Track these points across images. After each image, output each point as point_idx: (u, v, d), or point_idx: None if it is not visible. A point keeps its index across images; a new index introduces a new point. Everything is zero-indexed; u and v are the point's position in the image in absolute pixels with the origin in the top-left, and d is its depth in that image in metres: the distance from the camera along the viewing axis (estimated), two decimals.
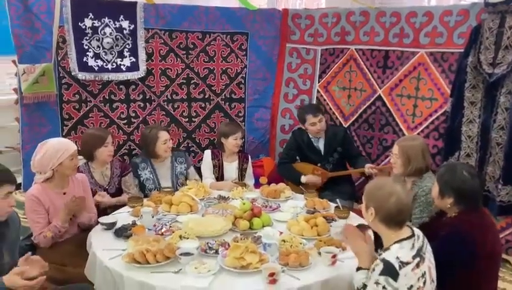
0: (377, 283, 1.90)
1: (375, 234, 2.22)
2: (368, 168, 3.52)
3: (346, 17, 4.05)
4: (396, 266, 1.88)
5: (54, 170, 2.70)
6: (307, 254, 2.29)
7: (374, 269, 1.95)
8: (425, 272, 1.93)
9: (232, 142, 3.71)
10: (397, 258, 1.90)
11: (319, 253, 2.35)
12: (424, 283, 1.92)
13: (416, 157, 2.83)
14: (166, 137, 3.48)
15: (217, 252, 2.35)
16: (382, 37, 3.86)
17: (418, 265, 1.91)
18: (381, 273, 1.90)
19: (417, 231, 2.04)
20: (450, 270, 2.10)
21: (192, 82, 4.19)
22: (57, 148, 2.70)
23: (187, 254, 2.26)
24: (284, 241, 2.45)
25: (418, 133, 3.66)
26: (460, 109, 3.31)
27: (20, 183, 3.62)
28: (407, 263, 1.90)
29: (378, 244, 2.17)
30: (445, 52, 3.50)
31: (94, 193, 3.09)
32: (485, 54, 3.15)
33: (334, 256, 2.27)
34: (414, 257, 1.92)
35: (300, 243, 2.45)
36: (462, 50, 3.34)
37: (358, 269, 2.08)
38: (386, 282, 1.88)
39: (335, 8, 4.15)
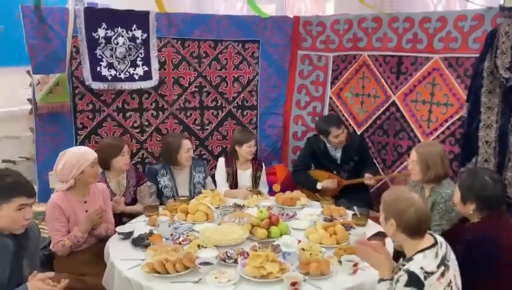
0: None
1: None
2: (366, 178, 3.60)
3: (358, 23, 4.04)
4: (421, 276, 1.86)
5: (76, 179, 2.71)
6: (328, 262, 2.26)
7: (398, 281, 1.91)
8: (451, 281, 1.90)
9: (246, 150, 3.71)
10: (421, 268, 1.87)
11: (340, 261, 2.32)
12: None
13: (435, 163, 2.80)
14: (189, 146, 3.51)
15: (236, 261, 2.33)
16: (395, 43, 3.84)
17: (443, 274, 1.88)
18: (406, 284, 1.87)
19: (440, 239, 2.02)
20: (474, 276, 2.07)
21: (204, 90, 4.19)
22: (78, 157, 2.72)
23: (206, 263, 2.25)
24: (303, 249, 2.42)
25: (434, 139, 3.63)
26: (477, 114, 3.27)
27: None
28: (432, 273, 1.87)
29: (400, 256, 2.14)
30: (460, 57, 3.47)
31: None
32: (501, 58, 3.11)
33: (355, 265, 2.25)
34: (439, 266, 1.89)
35: (320, 252, 2.43)
36: (477, 55, 3.30)
37: (380, 280, 2.05)
38: None
39: (347, 14, 4.14)
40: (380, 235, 2.59)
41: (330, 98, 4.31)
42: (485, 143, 3.27)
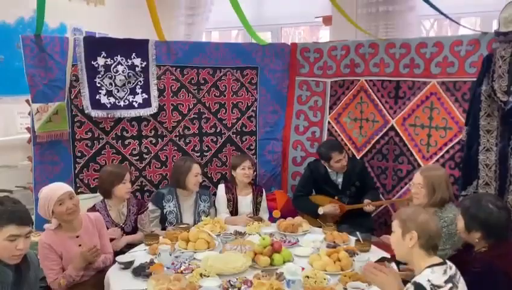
0: None
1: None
2: (366, 204, 3.58)
3: (355, 49, 4.08)
4: (428, 288, 1.84)
5: (55, 217, 2.64)
6: None
7: None
8: None
9: (240, 173, 3.71)
10: (428, 281, 1.88)
11: (345, 289, 2.29)
12: None
13: (441, 186, 2.81)
14: (198, 171, 3.53)
15: None
16: (392, 68, 3.88)
17: None
18: None
19: (449, 262, 2.00)
20: None
21: (203, 117, 4.20)
22: (46, 195, 2.63)
23: None
24: (307, 277, 2.39)
25: (434, 163, 3.63)
26: (476, 137, 3.28)
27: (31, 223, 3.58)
28: (439, 287, 1.86)
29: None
30: (457, 81, 3.51)
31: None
32: (498, 82, 3.14)
33: None
34: (446, 282, 1.88)
35: (325, 279, 2.39)
36: (474, 79, 3.34)
37: None
38: None
39: (344, 41, 4.19)
40: (384, 261, 2.56)
41: (329, 123, 4.32)
42: (486, 166, 3.27)
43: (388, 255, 2.67)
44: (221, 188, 3.79)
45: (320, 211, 3.67)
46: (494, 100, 3.18)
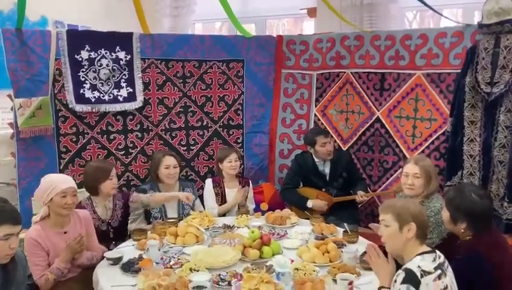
0: None
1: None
2: (359, 195, 3.60)
3: (340, 41, 4.09)
4: (418, 274, 1.89)
5: (48, 207, 2.62)
6: (323, 282, 2.25)
7: (395, 281, 1.94)
8: (447, 286, 1.91)
9: (227, 165, 3.72)
10: (419, 267, 1.91)
11: (334, 280, 2.30)
12: None
13: (435, 175, 2.88)
14: (169, 162, 3.50)
15: (229, 283, 2.29)
16: (378, 60, 3.90)
17: (439, 277, 1.91)
18: (403, 281, 1.89)
19: (438, 251, 2.04)
20: None
21: (189, 110, 4.17)
22: (50, 182, 2.63)
23: (200, 287, 2.20)
24: (296, 269, 2.40)
25: (419, 154, 3.67)
26: (461, 128, 3.33)
27: None
28: (429, 273, 1.90)
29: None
30: (442, 73, 3.55)
31: (96, 228, 3.01)
32: (482, 73, 3.19)
33: (350, 283, 2.23)
34: (436, 269, 1.92)
35: (314, 271, 2.41)
36: (458, 70, 3.39)
37: (380, 288, 2.06)
38: None
39: (329, 33, 4.20)
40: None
41: (315, 115, 4.34)
42: (470, 157, 3.32)
43: (376, 246, 2.69)
44: (209, 183, 3.79)
45: (309, 204, 3.68)
46: (477, 91, 3.23)
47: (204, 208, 3.66)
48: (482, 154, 3.27)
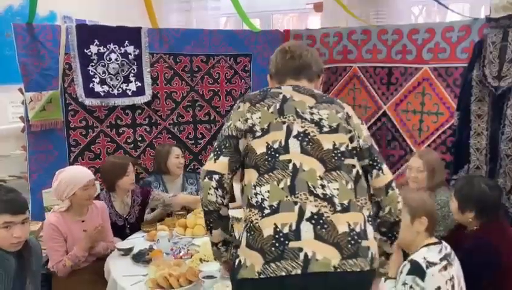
0: (404, 283, 1.92)
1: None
2: None
3: (347, 36, 4.10)
4: (424, 265, 1.91)
5: (70, 200, 2.68)
6: None
7: (401, 272, 1.97)
8: (453, 276, 1.94)
9: None
10: (424, 258, 1.94)
11: None
12: (453, 287, 1.93)
13: (440, 169, 2.89)
14: (178, 152, 3.56)
15: None
16: (385, 54, 3.91)
17: (445, 268, 1.93)
18: (409, 272, 1.92)
19: (444, 242, 2.07)
20: (476, 283, 2.10)
21: (197, 104, 4.21)
22: (70, 178, 2.68)
23: (210, 277, 2.25)
24: None
25: (425, 147, 3.68)
26: (468, 122, 3.34)
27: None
28: (435, 264, 1.92)
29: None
30: (449, 67, 3.55)
31: (113, 223, 3.05)
32: (489, 67, 3.19)
33: None
34: (441, 260, 1.95)
35: None
36: (465, 64, 3.38)
37: (387, 278, 2.09)
38: (413, 282, 1.90)
39: (336, 27, 4.21)
40: None
41: None
42: (476, 151, 3.33)
43: None
44: None
45: None
46: (485, 85, 3.23)
47: None
48: (488, 148, 3.28)
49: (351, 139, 1.70)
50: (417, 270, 1.90)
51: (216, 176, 1.62)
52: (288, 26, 6.11)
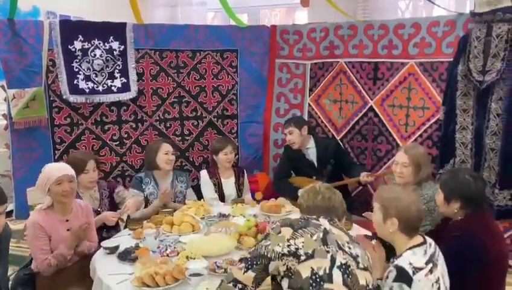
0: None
1: (384, 245, 2.24)
2: (364, 176, 3.53)
3: (334, 31, 4.10)
4: (410, 271, 1.90)
5: (50, 196, 2.64)
6: None
7: (387, 277, 1.96)
8: (438, 278, 1.95)
9: (223, 158, 3.73)
10: (410, 263, 1.93)
11: None
12: (439, 289, 1.93)
13: (426, 164, 2.90)
14: (168, 149, 3.52)
15: (225, 271, 2.32)
16: (371, 50, 3.91)
17: (431, 271, 1.93)
18: (395, 279, 1.91)
19: (429, 239, 2.07)
20: (461, 273, 2.12)
21: (184, 100, 4.17)
22: (46, 173, 2.65)
23: (197, 274, 2.24)
24: None
25: (412, 142, 3.70)
26: (453, 116, 3.36)
27: (11, 211, 3.54)
28: (421, 269, 1.92)
29: (389, 255, 2.18)
30: (434, 62, 3.57)
31: None
32: (474, 62, 3.22)
33: None
34: (427, 263, 1.94)
35: None
36: (451, 59, 3.41)
37: None
38: (400, 288, 1.90)
39: (323, 22, 4.21)
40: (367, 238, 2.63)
41: (309, 105, 4.36)
42: (462, 145, 3.36)
43: (370, 233, 2.73)
44: (204, 174, 3.80)
45: (300, 193, 3.70)
46: (470, 80, 3.26)
47: (197, 198, 3.65)
48: (474, 142, 3.31)
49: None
50: (404, 277, 1.89)
51: (240, 285, 1.83)
52: (275, 21, 6.11)
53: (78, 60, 3.70)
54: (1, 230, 2.13)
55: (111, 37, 3.80)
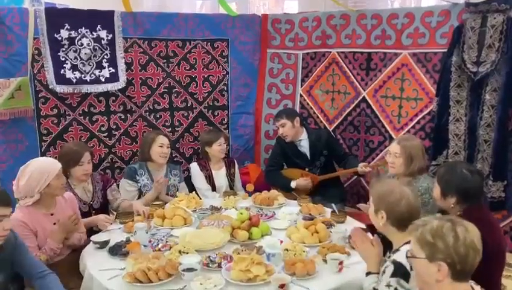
0: (388, 285, 1.89)
1: (383, 240, 2.21)
2: (361, 166, 3.49)
3: (326, 20, 4.04)
4: (407, 266, 1.87)
5: (42, 192, 2.56)
6: (313, 262, 2.25)
7: (384, 272, 1.93)
8: None
9: (216, 149, 3.69)
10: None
11: (324, 260, 2.31)
12: None
13: (418, 156, 2.86)
14: (163, 141, 3.45)
15: (219, 265, 2.29)
16: (364, 40, 3.87)
17: None
18: (392, 275, 1.88)
19: None
20: None
21: (173, 91, 4.09)
22: (42, 169, 2.56)
23: (190, 269, 2.19)
24: (286, 250, 2.40)
25: (404, 134, 3.68)
26: (447, 108, 3.34)
27: None
28: None
29: (386, 247, 2.16)
30: (428, 53, 3.54)
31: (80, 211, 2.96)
32: (468, 53, 3.19)
33: (341, 263, 2.24)
34: None
35: (304, 251, 2.41)
36: (445, 50, 3.38)
37: (368, 273, 2.06)
38: (398, 284, 1.86)
39: (315, 12, 4.14)
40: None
41: (301, 95, 4.31)
42: (455, 136, 3.35)
43: (364, 226, 2.71)
44: (195, 166, 3.75)
45: (293, 184, 3.68)
46: (464, 71, 3.23)
47: (190, 191, 3.59)
48: (467, 134, 3.29)
49: None
50: (401, 273, 1.86)
51: None
52: (264, 10, 6.02)
53: (64, 49, 3.59)
54: (7, 234, 2.06)
55: (99, 26, 3.69)
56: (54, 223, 2.61)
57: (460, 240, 1.56)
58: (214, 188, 3.70)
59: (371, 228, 2.38)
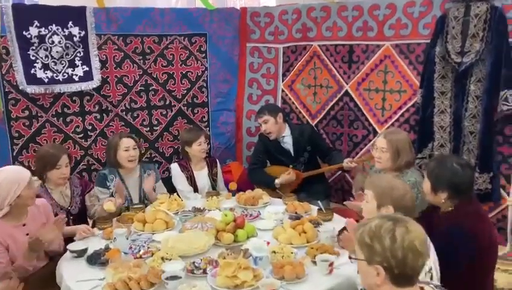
0: None
1: None
2: (347, 162, 3.42)
3: (306, 13, 3.95)
4: None
5: (12, 204, 2.40)
6: (302, 264, 2.16)
7: None
8: (431, 268, 1.87)
9: (197, 149, 3.56)
10: None
11: (314, 262, 2.23)
12: (431, 278, 1.86)
13: (405, 150, 2.80)
14: (128, 144, 3.26)
15: (204, 271, 2.19)
16: (345, 32, 3.79)
17: None
18: None
19: None
20: (454, 266, 2.04)
21: (151, 88, 3.95)
22: (11, 179, 2.39)
23: (174, 277, 2.08)
24: (274, 252, 2.31)
25: (389, 127, 3.62)
26: (431, 99, 3.29)
27: None
28: None
29: None
30: (411, 44, 3.47)
31: (55, 215, 2.79)
32: (452, 43, 3.14)
33: (331, 264, 2.16)
34: None
35: (292, 253, 2.32)
36: (428, 41, 3.32)
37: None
38: None
39: (295, 4, 4.04)
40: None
41: (282, 90, 4.22)
42: (440, 128, 3.30)
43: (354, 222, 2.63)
44: (175, 167, 3.61)
45: (277, 182, 3.59)
46: (448, 62, 3.18)
47: (170, 193, 3.45)
48: (452, 126, 3.25)
49: None
50: None
51: None
52: (241, 3, 5.89)
53: (34, 48, 3.42)
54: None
55: (70, 22, 3.52)
56: (27, 234, 2.45)
57: (398, 242, 1.41)
58: (195, 189, 3.58)
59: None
